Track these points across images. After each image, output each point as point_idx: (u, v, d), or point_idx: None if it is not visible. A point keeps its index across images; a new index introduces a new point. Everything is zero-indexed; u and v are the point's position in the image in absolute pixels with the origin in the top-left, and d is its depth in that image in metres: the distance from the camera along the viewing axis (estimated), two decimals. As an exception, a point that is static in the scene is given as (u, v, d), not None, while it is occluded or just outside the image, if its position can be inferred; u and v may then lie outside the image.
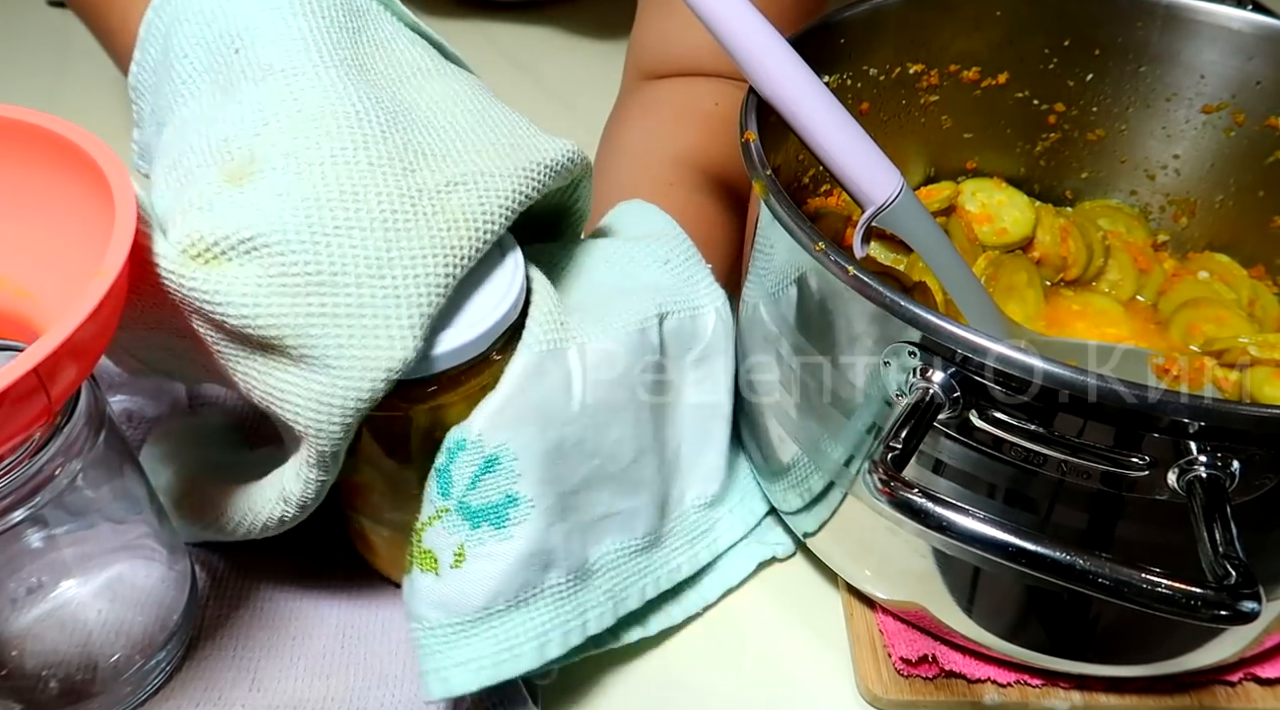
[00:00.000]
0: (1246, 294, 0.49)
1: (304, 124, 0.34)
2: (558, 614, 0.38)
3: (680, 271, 0.44)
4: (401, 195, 0.34)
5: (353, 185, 0.33)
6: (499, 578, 0.37)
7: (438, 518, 0.37)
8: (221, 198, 0.33)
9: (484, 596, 0.36)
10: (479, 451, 0.36)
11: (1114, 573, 0.28)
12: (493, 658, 0.37)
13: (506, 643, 0.37)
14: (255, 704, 0.40)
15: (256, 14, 0.36)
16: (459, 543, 0.37)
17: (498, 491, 0.36)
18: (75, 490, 0.36)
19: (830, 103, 0.37)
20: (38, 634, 0.39)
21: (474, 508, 0.36)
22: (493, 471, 0.36)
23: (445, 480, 0.36)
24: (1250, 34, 0.45)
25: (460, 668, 0.36)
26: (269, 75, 0.35)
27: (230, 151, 0.34)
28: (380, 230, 0.33)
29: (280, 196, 0.33)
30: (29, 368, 0.27)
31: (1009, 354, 0.30)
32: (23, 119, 0.34)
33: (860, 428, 0.37)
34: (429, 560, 0.37)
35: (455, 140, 0.36)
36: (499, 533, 0.37)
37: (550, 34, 0.84)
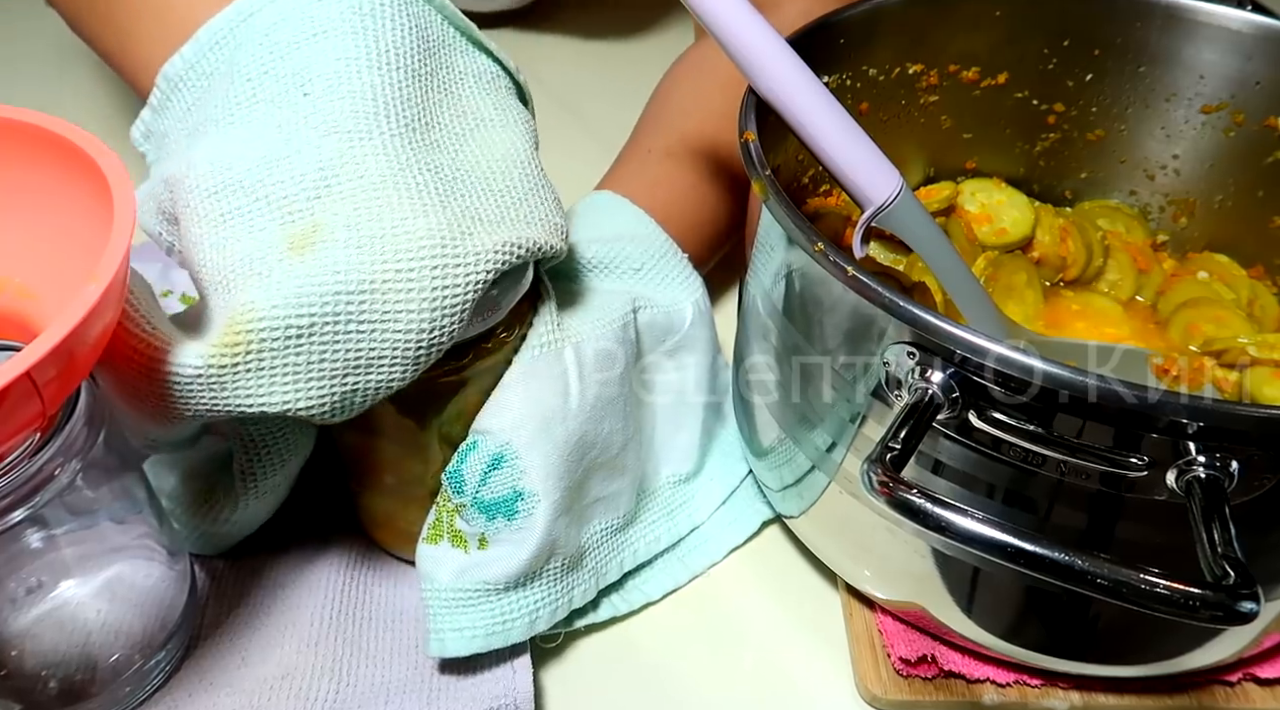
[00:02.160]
0: (1246, 294, 0.49)
1: (366, 193, 0.34)
2: (549, 593, 0.41)
3: (653, 275, 0.46)
4: (454, 265, 0.34)
5: (409, 260, 0.34)
6: (516, 562, 0.39)
7: (460, 511, 0.40)
8: (282, 266, 0.33)
9: (496, 576, 0.39)
10: (486, 451, 0.39)
11: (1113, 573, 0.28)
12: (485, 629, 0.39)
13: (501, 617, 0.40)
14: (244, 678, 0.40)
15: (331, 62, 0.36)
16: (480, 532, 0.40)
17: (506, 487, 0.39)
18: (75, 490, 0.36)
19: (830, 103, 0.37)
20: (37, 634, 0.39)
21: (486, 502, 0.39)
22: (500, 468, 0.39)
23: (458, 481, 0.39)
24: (1250, 34, 0.45)
25: (456, 633, 0.39)
26: (334, 132, 0.35)
27: (290, 212, 0.34)
28: (427, 309, 0.34)
29: (338, 275, 0.33)
30: (21, 371, 0.26)
31: (1008, 354, 0.30)
32: (23, 119, 0.34)
33: (859, 428, 0.37)
34: (459, 539, 0.40)
35: (509, 207, 0.37)
36: (511, 524, 0.39)
37: (550, 37, 0.84)
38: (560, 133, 0.73)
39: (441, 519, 0.40)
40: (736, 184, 0.53)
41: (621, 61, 0.80)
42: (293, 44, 0.36)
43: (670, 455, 0.47)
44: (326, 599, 0.43)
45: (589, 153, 0.60)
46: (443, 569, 0.39)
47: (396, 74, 0.36)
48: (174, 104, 0.39)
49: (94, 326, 0.30)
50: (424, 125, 0.37)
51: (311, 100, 0.35)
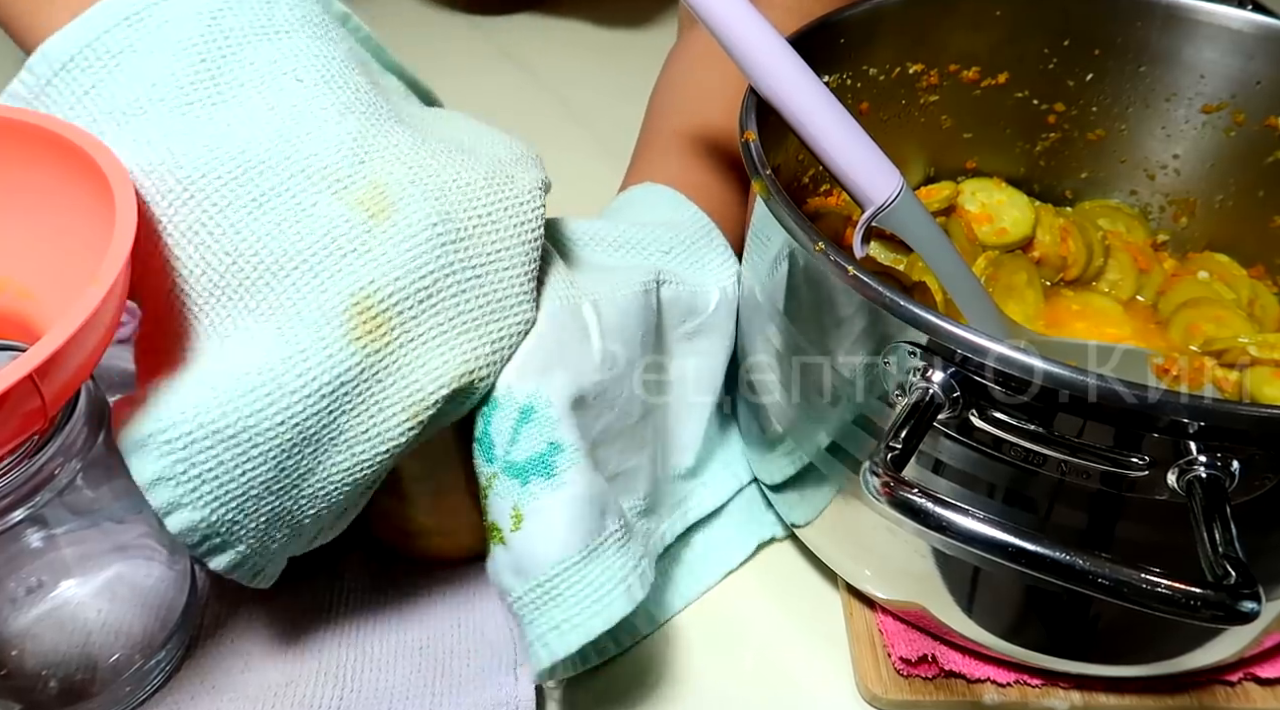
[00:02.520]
0: (1246, 294, 0.49)
1: (408, 157, 0.35)
2: (626, 558, 0.37)
3: (683, 256, 0.45)
4: (518, 201, 0.37)
5: (486, 203, 0.36)
6: (564, 528, 0.35)
7: (489, 488, 0.37)
8: (374, 236, 0.34)
9: (555, 552, 0.35)
10: (513, 405, 0.36)
11: (1113, 573, 0.28)
12: (582, 614, 0.35)
13: (594, 594, 0.35)
14: (247, 682, 0.40)
15: (312, 57, 0.37)
16: (513, 505, 0.36)
17: (540, 440, 0.36)
18: (75, 490, 0.36)
19: (830, 102, 0.37)
20: (37, 634, 0.39)
21: (520, 464, 0.36)
22: (530, 421, 0.36)
23: (486, 445, 0.36)
24: (1250, 34, 0.45)
25: (555, 632, 0.35)
26: (349, 113, 0.36)
27: (339, 179, 0.34)
28: (518, 242, 0.36)
29: (435, 226, 0.34)
30: (24, 374, 0.27)
31: (1009, 354, 0.30)
32: (23, 119, 0.34)
33: (860, 428, 0.37)
34: (495, 532, 0.37)
35: (513, 156, 0.39)
36: (550, 482, 0.36)
37: (550, 33, 0.84)
38: (557, 127, 0.73)
39: (487, 517, 0.37)
40: None
41: (618, 56, 0.80)
42: (252, 35, 0.36)
43: (675, 444, 0.46)
44: (328, 601, 0.43)
45: (586, 149, 0.61)
46: (502, 574, 0.36)
47: (364, 77, 0.38)
48: (63, 86, 0.35)
49: (96, 329, 0.30)
50: (401, 107, 0.38)
51: (307, 87, 0.35)
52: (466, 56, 0.81)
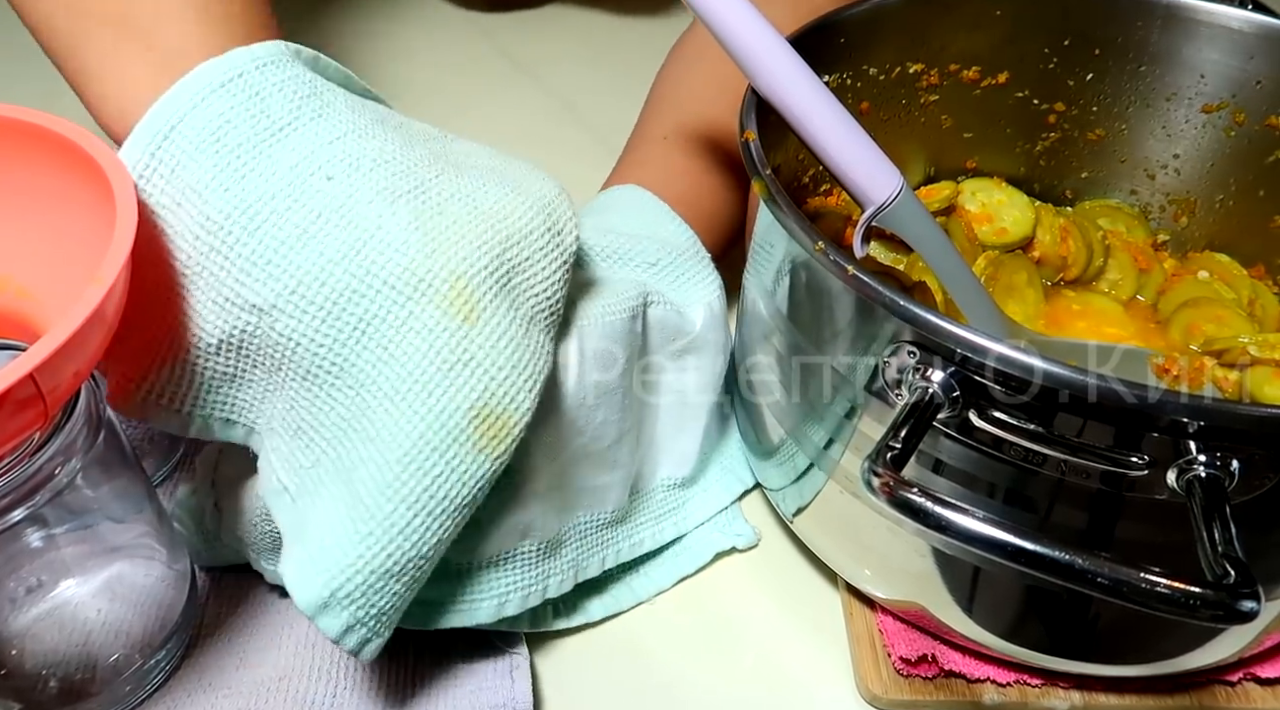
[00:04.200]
0: (1246, 294, 0.49)
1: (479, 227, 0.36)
2: (521, 577, 0.40)
3: (669, 271, 0.45)
4: (561, 225, 0.39)
5: (539, 248, 0.38)
6: (492, 537, 0.39)
7: None
8: (473, 343, 0.34)
9: (481, 552, 0.39)
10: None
11: (1113, 572, 0.28)
12: (452, 606, 0.39)
13: (468, 595, 0.39)
14: (242, 680, 0.40)
15: (329, 145, 0.35)
16: None
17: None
18: (75, 489, 0.36)
19: (831, 102, 0.37)
20: (37, 633, 0.39)
21: None
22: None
23: None
24: (1250, 33, 0.45)
25: (420, 606, 0.38)
26: (397, 198, 0.35)
27: (425, 282, 0.34)
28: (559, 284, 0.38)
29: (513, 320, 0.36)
30: (24, 373, 0.27)
31: (1009, 354, 0.30)
32: (23, 119, 0.34)
33: (860, 427, 0.37)
34: None
35: (535, 185, 0.39)
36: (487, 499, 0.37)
37: (550, 34, 0.84)
38: (558, 130, 0.73)
39: None
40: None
41: (619, 55, 0.80)
42: (262, 141, 0.34)
43: (669, 458, 0.46)
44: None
45: (586, 149, 0.61)
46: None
47: (382, 129, 0.37)
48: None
49: (96, 329, 0.30)
50: (432, 156, 0.38)
51: (339, 182, 0.34)
52: (466, 56, 0.81)
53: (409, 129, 0.38)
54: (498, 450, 0.35)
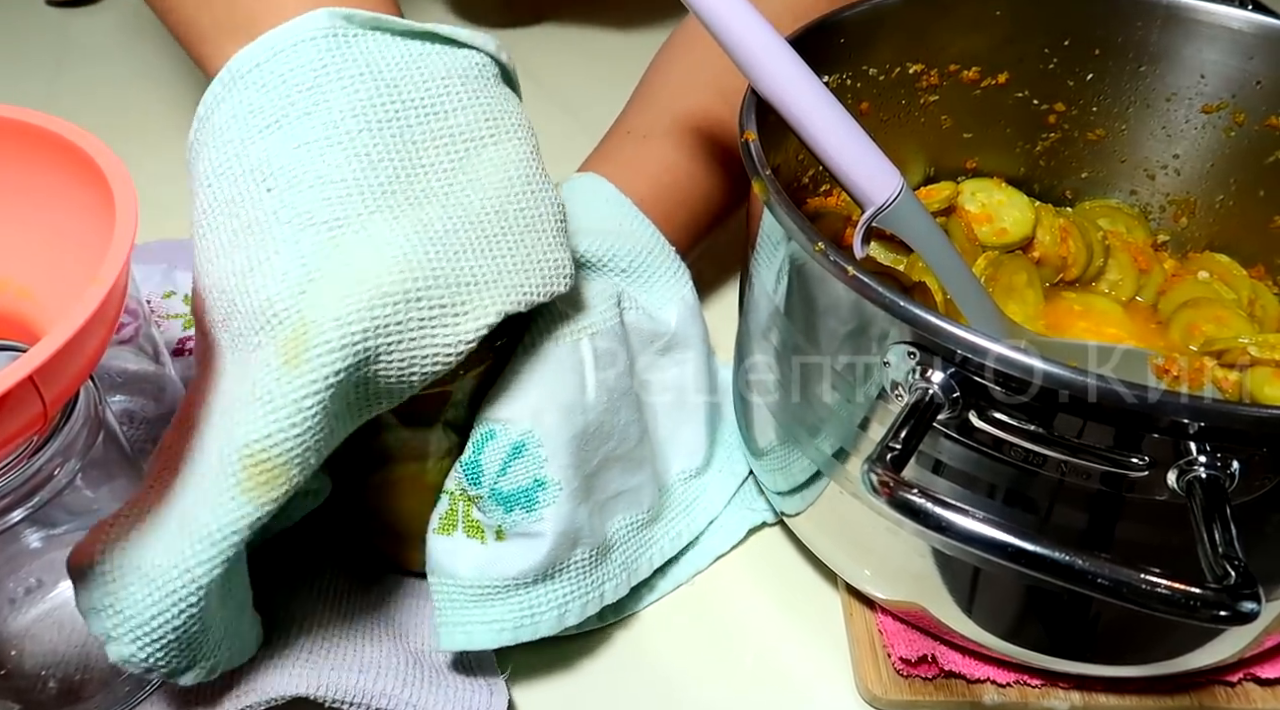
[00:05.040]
0: (1246, 294, 0.49)
1: (353, 284, 0.33)
2: (579, 586, 0.41)
3: (640, 275, 0.46)
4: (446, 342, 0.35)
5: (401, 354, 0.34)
6: (537, 556, 0.39)
7: (476, 501, 0.39)
8: (280, 385, 0.32)
9: (519, 570, 0.39)
10: (507, 439, 0.38)
11: (1113, 573, 0.28)
12: (514, 621, 0.39)
13: (530, 611, 0.39)
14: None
15: (289, 152, 0.34)
16: (497, 524, 0.39)
17: (527, 476, 0.38)
18: (74, 490, 0.36)
19: (830, 102, 0.37)
20: (36, 634, 0.39)
21: (505, 493, 0.39)
22: (521, 457, 0.38)
23: (475, 471, 0.38)
24: (1250, 33, 0.45)
25: (485, 626, 0.39)
26: (310, 225, 0.34)
27: (278, 317, 0.33)
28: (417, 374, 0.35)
29: (338, 380, 0.33)
30: (24, 374, 0.26)
31: (1009, 354, 0.30)
32: (23, 119, 0.34)
33: (860, 428, 0.37)
34: (476, 530, 0.39)
35: (506, 256, 0.36)
36: (530, 516, 0.39)
37: (551, 35, 0.84)
38: (560, 135, 0.73)
39: (455, 509, 0.40)
40: (726, 160, 0.52)
41: (620, 61, 0.80)
42: (247, 139, 0.35)
43: (678, 451, 0.47)
44: (322, 602, 0.43)
45: (586, 152, 0.60)
46: (461, 562, 0.39)
47: (364, 139, 0.35)
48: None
49: (96, 329, 0.30)
50: (406, 177, 0.35)
51: (276, 195, 0.34)
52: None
53: (397, 143, 0.35)
54: (263, 496, 0.33)
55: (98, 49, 0.82)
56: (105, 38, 0.83)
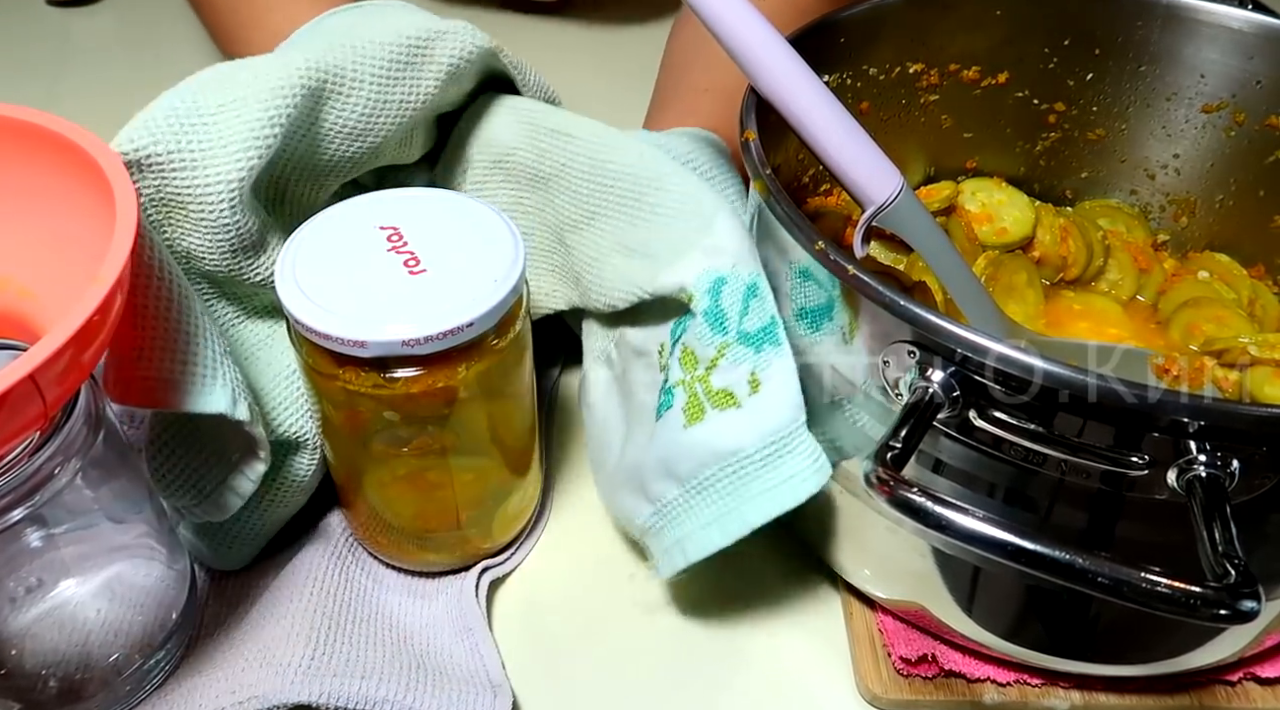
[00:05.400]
0: (1246, 294, 0.49)
1: None
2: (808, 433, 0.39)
3: (734, 197, 0.48)
4: None
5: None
6: (794, 393, 0.38)
7: (720, 356, 0.39)
8: None
9: (788, 413, 0.38)
10: (740, 281, 0.39)
11: (1113, 572, 0.28)
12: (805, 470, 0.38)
13: (811, 455, 0.38)
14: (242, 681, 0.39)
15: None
16: (750, 370, 0.39)
17: (765, 314, 0.39)
18: (74, 489, 0.36)
19: (830, 102, 0.37)
20: (37, 633, 0.39)
21: (752, 333, 0.39)
22: (756, 295, 0.39)
23: (717, 317, 0.39)
24: (1250, 33, 0.45)
25: (788, 484, 0.38)
26: None
27: None
28: None
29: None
30: (25, 373, 0.27)
31: (1009, 354, 0.30)
32: (23, 119, 0.34)
33: (860, 427, 0.37)
34: (725, 398, 0.39)
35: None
36: (779, 349, 0.39)
37: (551, 34, 0.84)
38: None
39: (695, 393, 0.39)
40: None
41: (624, 60, 0.80)
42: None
43: None
44: (322, 606, 0.43)
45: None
46: (738, 434, 0.38)
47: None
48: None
49: (97, 329, 0.30)
50: None
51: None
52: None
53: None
54: None
55: (98, 49, 0.82)
56: (105, 38, 0.83)
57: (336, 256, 0.38)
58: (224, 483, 0.40)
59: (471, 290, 0.37)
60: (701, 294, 0.40)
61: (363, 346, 0.35)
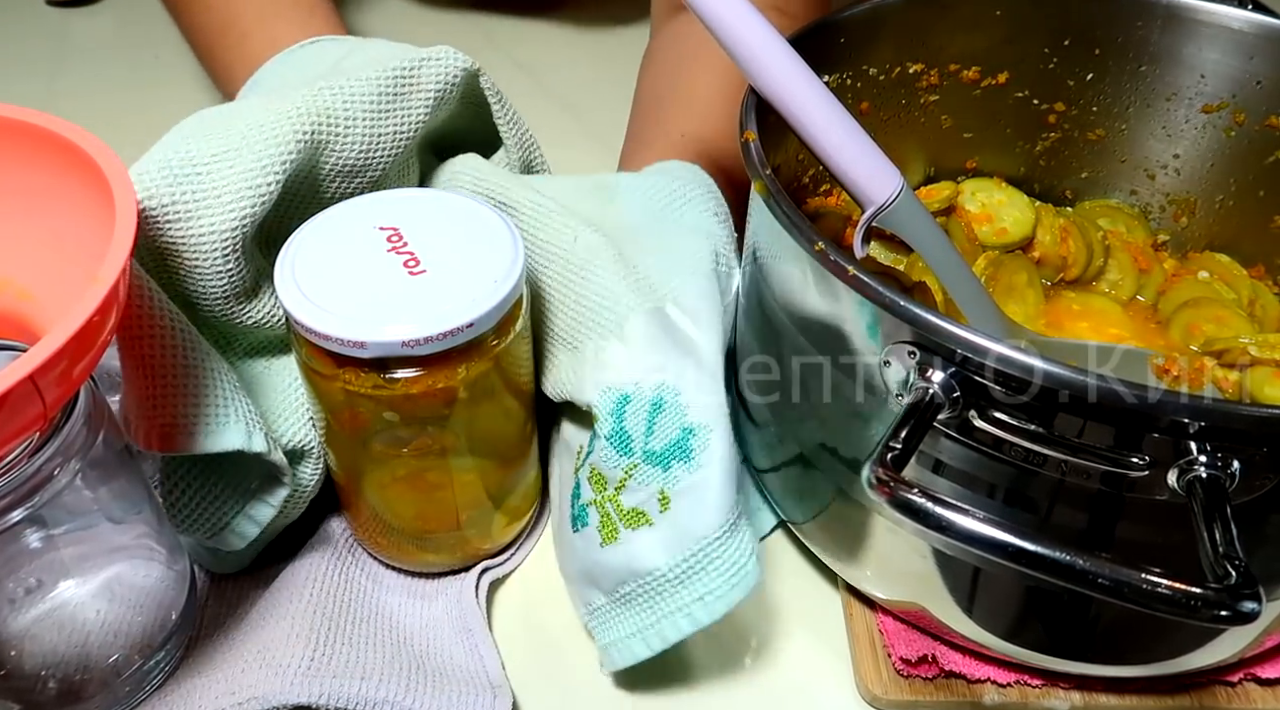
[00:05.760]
0: (1246, 294, 0.49)
1: None
2: (748, 533, 0.39)
3: (727, 226, 0.47)
4: None
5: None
6: (710, 506, 0.38)
7: (628, 477, 0.39)
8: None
9: (701, 527, 0.38)
10: (644, 398, 0.38)
11: (1114, 573, 0.28)
12: (725, 585, 0.38)
13: (734, 566, 0.38)
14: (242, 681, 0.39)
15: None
16: (659, 489, 0.38)
17: (674, 427, 0.38)
18: (74, 490, 0.36)
19: (831, 102, 0.37)
20: (36, 634, 0.39)
21: (659, 452, 0.38)
22: (662, 410, 0.39)
23: (622, 439, 0.39)
24: (1250, 33, 0.45)
25: (699, 603, 0.38)
26: None
27: None
28: None
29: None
30: (24, 374, 0.27)
31: (1009, 354, 0.30)
32: (23, 119, 0.34)
33: (860, 428, 0.37)
34: (636, 517, 0.39)
35: None
36: (689, 465, 0.38)
37: (551, 33, 0.84)
38: (561, 130, 0.73)
39: (608, 513, 0.39)
40: None
41: (622, 59, 0.80)
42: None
43: None
44: (321, 601, 0.43)
45: (589, 149, 0.61)
46: (648, 556, 0.38)
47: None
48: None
49: (97, 330, 0.30)
50: None
51: None
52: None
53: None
54: None
55: (98, 49, 0.82)
56: (105, 38, 0.83)
57: (336, 256, 0.38)
58: (242, 512, 0.41)
59: (471, 291, 0.37)
60: (605, 415, 0.39)
61: (362, 347, 0.35)
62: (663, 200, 0.46)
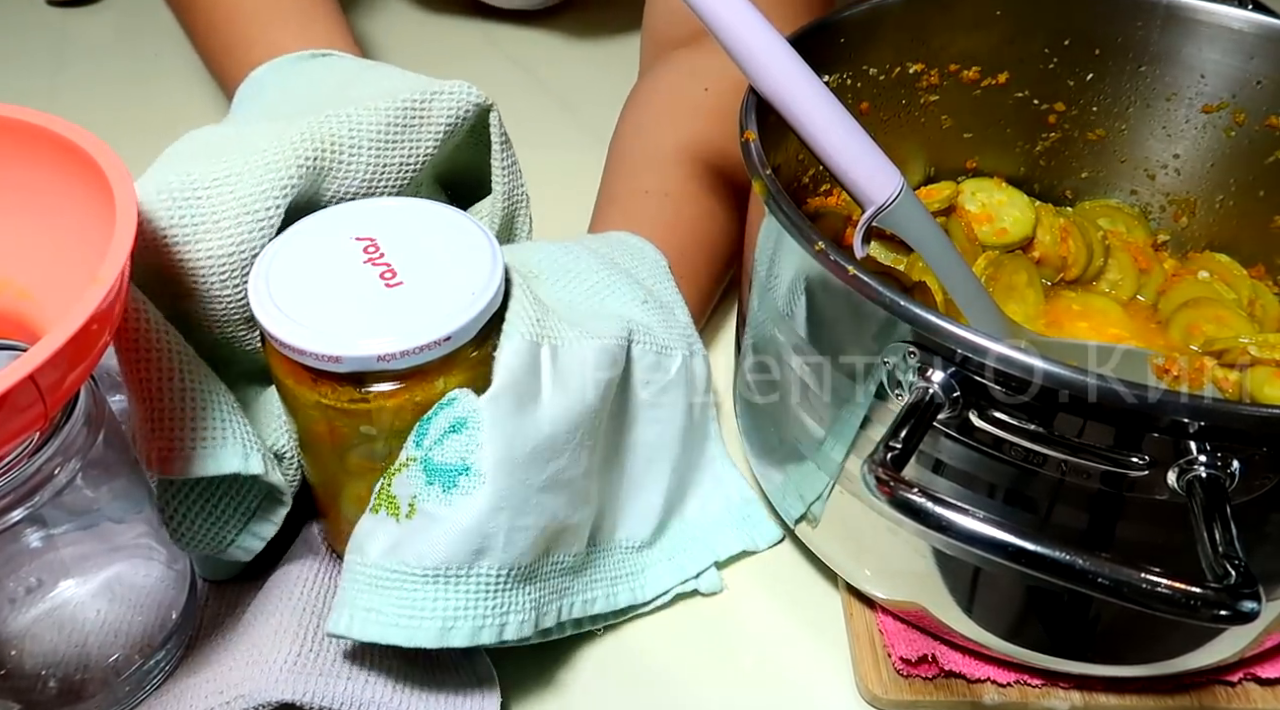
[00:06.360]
0: (1246, 294, 0.49)
1: None
2: (474, 604, 0.37)
3: (655, 312, 0.45)
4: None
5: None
6: (434, 547, 0.36)
7: (405, 467, 0.37)
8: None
9: (415, 554, 0.36)
10: (454, 411, 0.37)
11: (1114, 573, 0.28)
12: (393, 617, 0.36)
13: (411, 610, 0.36)
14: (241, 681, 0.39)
15: None
16: (412, 494, 0.37)
17: (456, 454, 0.36)
18: (74, 490, 0.36)
19: (830, 102, 0.37)
20: (36, 634, 0.39)
21: (434, 463, 0.37)
22: (458, 433, 0.37)
23: (423, 432, 0.37)
24: (1251, 33, 0.45)
25: (366, 613, 0.36)
26: None
27: None
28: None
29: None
30: (24, 374, 0.27)
31: (1009, 354, 0.30)
32: (23, 119, 0.34)
33: (860, 428, 0.37)
34: (392, 505, 0.37)
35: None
36: (445, 497, 0.36)
37: (551, 35, 0.84)
38: (562, 133, 0.73)
39: (384, 484, 0.38)
40: (740, 216, 0.52)
41: (623, 63, 0.80)
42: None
43: (631, 512, 0.45)
44: (311, 600, 0.43)
45: (588, 151, 0.61)
46: (373, 542, 0.37)
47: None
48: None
49: (97, 329, 0.30)
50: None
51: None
52: (475, 64, 0.81)
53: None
54: None
55: (98, 49, 0.82)
56: (105, 37, 0.83)
57: (311, 268, 0.37)
58: (245, 529, 0.40)
59: (448, 303, 0.36)
60: (436, 405, 0.37)
61: (337, 361, 0.35)
62: (584, 291, 0.45)
